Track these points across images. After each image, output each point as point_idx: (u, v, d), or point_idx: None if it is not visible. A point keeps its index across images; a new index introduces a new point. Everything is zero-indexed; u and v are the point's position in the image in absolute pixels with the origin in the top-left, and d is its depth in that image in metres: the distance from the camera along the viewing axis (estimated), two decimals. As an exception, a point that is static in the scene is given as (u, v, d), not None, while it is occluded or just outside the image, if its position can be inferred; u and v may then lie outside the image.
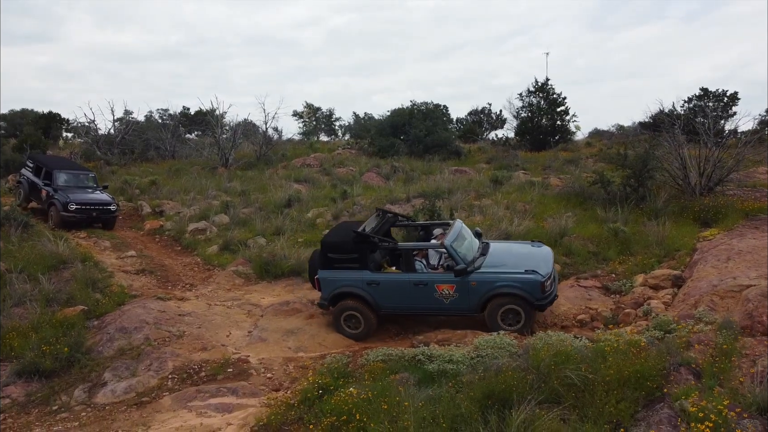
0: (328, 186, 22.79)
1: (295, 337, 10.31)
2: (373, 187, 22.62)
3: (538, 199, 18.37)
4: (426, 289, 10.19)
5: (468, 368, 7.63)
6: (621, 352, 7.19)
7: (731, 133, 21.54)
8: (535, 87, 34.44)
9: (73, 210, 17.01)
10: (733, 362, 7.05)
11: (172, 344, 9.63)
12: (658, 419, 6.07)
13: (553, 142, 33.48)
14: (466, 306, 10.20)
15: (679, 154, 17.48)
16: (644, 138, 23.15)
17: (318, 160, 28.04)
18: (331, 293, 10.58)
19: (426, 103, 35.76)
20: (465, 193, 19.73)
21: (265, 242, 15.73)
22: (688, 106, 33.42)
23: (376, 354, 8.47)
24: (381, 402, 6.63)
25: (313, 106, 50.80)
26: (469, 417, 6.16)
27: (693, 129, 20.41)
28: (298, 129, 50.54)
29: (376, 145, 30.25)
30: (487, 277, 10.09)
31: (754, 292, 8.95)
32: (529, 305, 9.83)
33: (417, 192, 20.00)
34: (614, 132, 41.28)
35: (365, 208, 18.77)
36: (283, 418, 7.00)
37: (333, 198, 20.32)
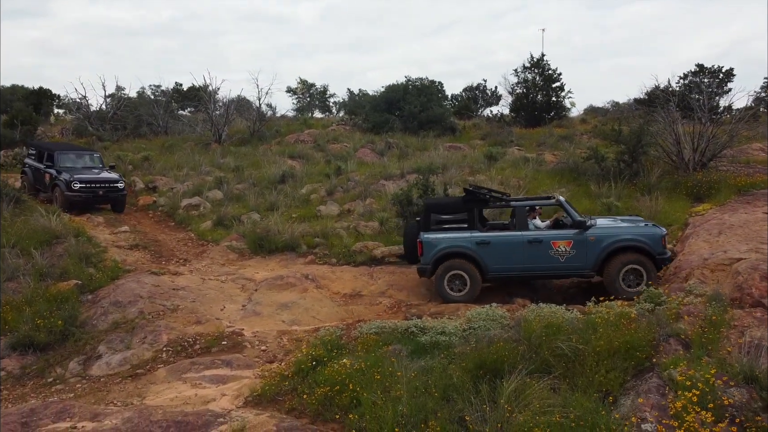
0: (322, 162, 22.72)
1: (289, 311, 10.36)
2: (367, 163, 22.57)
3: (532, 175, 18.39)
4: (541, 246, 9.84)
5: (460, 340, 7.70)
6: (611, 323, 7.27)
7: (726, 110, 21.57)
8: (530, 63, 34.20)
9: (77, 189, 16.13)
10: (722, 333, 7.14)
11: (167, 318, 9.66)
12: (646, 388, 6.16)
13: (548, 118, 33.34)
14: (582, 264, 9.83)
15: (673, 130, 17.50)
16: (639, 114, 23.15)
17: (312, 136, 27.90)
18: (434, 255, 10.14)
19: (421, 80, 35.47)
20: (459, 169, 19.71)
21: (258, 218, 15.74)
22: (683, 82, 33.30)
23: (369, 326, 8.53)
24: (374, 372, 6.69)
25: (307, 82, 50.32)
26: (461, 387, 6.23)
27: (688, 105, 20.41)
28: (292, 105, 50.31)
29: (371, 121, 30.07)
30: (607, 231, 9.84)
31: (744, 265, 9.02)
32: (652, 260, 9.56)
33: (411, 168, 19.96)
34: (609, 108, 41.09)
35: (359, 183, 18.76)
36: (277, 389, 7.07)
37: (327, 174, 20.27)
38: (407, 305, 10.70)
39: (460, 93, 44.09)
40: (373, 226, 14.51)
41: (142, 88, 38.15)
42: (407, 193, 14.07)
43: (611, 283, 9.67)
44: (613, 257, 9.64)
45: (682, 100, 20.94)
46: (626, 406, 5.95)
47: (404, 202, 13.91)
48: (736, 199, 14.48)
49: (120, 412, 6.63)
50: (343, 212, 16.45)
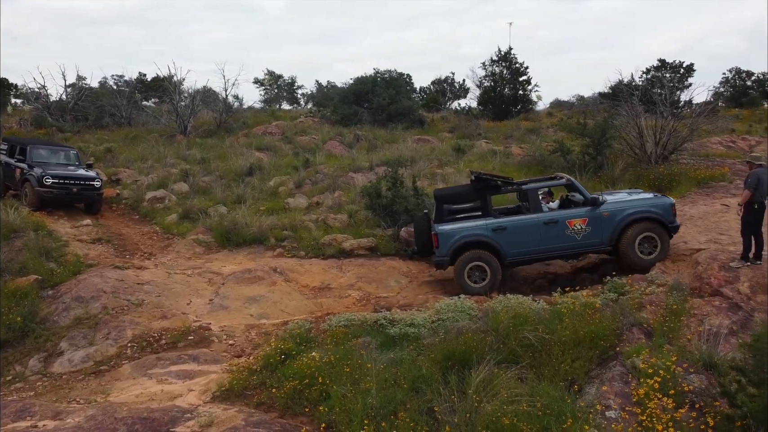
0: (290, 154, 22.52)
1: (257, 305, 10.27)
2: (336, 155, 22.46)
3: (500, 167, 18.55)
4: (557, 226, 9.89)
5: (429, 331, 7.74)
6: (577, 313, 7.41)
7: (686, 104, 22.08)
8: (498, 56, 34.45)
9: (49, 185, 14.78)
10: (682, 322, 7.35)
11: (131, 313, 9.47)
12: (610, 376, 6.31)
13: (515, 111, 33.68)
14: (599, 239, 9.93)
15: (636, 124, 17.86)
16: (603, 108, 23.54)
17: (280, 129, 27.60)
18: (452, 247, 9.99)
19: (389, 72, 35.43)
20: (428, 162, 19.79)
21: (226, 211, 15.54)
22: (646, 77, 34.00)
23: (338, 319, 8.51)
24: (343, 365, 6.69)
25: (275, 73, 49.70)
26: (430, 378, 6.27)
27: (650, 99, 20.83)
28: (259, 97, 49.53)
29: (339, 114, 29.91)
30: (619, 206, 9.95)
31: (703, 256, 9.29)
32: (664, 229, 9.70)
33: (380, 160, 19.95)
34: (575, 102, 41.79)
35: (328, 176, 18.67)
36: (245, 383, 7.01)
37: (295, 166, 20.12)
38: (376, 298, 10.71)
39: (428, 86, 44.20)
40: (342, 219, 14.47)
41: (104, 78, 37.15)
42: (376, 185, 14.06)
43: (627, 254, 9.79)
44: (627, 229, 9.77)
45: (644, 94, 21.38)
46: (591, 394, 6.08)
47: (373, 195, 13.89)
48: (695, 191, 14.89)
49: (83, 410, 6.48)
50: (311, 205, 16.35)
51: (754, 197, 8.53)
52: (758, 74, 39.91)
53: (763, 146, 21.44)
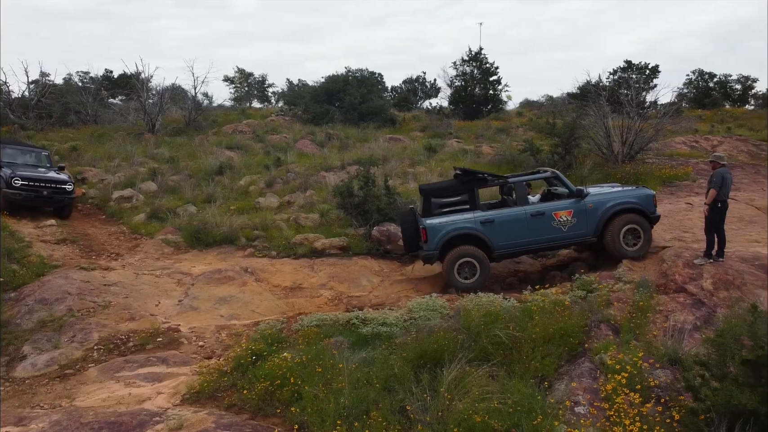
0: (261, 153, 22.33)
1: (228, 305, 10.15)
2: (307, 154, 22.35)
3: (471, 167, 18.66)
4: (543, 218, 9.99)
5: (401, 330, 7.77)
6: (547, 311, 7.52)
7: (652, 105, 22.58)
8: (468, 56, 34.69)
9: (18, 186, 14.04)
10: (649, 318, 7.52)
11: (98, 315, 9.27)
12: (579, 372, 6.41)
13: (485, 111, 33.97)
14: (584, 231, 10.07)
15: (603, 124, 18.20)
16: (572, 108, 23.92)
17: (250, 127, 27.35)
18: (441, 241, 9.96)
19: (361, 71, 35.41)
20: (399, 161, 19.84)
21: (195, 210, 15.33)
22: (613, 78, 34.65)
23: (310, 319, 8.47)
24: (315, 365, 6.66)
25: (245, 71, 49.22)
26: (402, 377, 6.29)
27: (617, 100, 21.25)
28: (229, 95, 48.97)
29: (311, 112, 29.76)
30: (604, 197, 10.12)
31: (668, 253, 9.51)
32: (647, 219, 9.94)
33: (352, 159, 19.93)
34: (544, 102, 42.34)
35: (300, 175, 18.57)
36: (215, 385, 6.92)
37: (266, 165, 19.96)
38: (348, 297, 10.70)
39: (400, 85, 44.34)
40: (314, 218, 14.40)
41: (69, 75, 36.25)
42: (348, 184, 14.03)
43: (613, 245, 9.94)
44: (612, 221, 9.95)
45: (612, 94, 21.79)
46: (561, 391, 6.17)
47: (345, 194, 13.86)
48: (660, 189, 15.21)
49: (47, 415, 6.32)
50: (282, 204, 16.24)
51: (718, 196, 8.75)
52: (720, 76, 41.01)
53: (725, 146, 22.05)
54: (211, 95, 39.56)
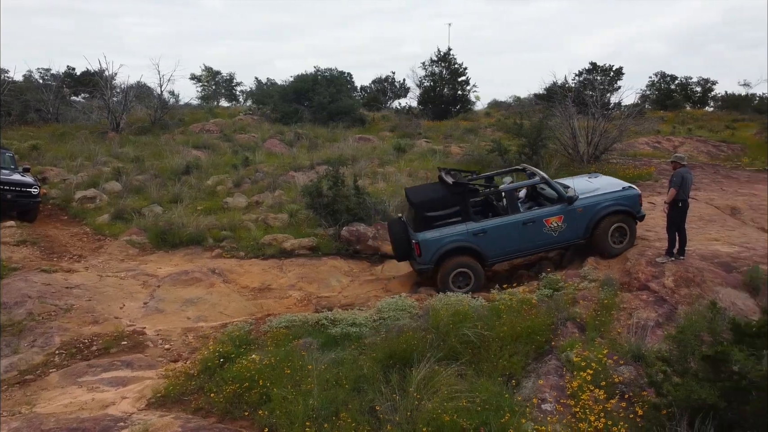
0: (229, 152, 22.09)
1: (195, 307, 10.00)
2: (275, 154, 22.19)
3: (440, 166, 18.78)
4: (535, 226, 10.02)
5: (371, 330, 7.77)
6: (514, 310, 7.61)
7: (616, 106, 23.04)
8: (437, 57, 34.91)
9: None
10: (613, 315, 7.66)
11: (60, 318, 9.03)
12: (546, 370, 6.50)
13: (454, 111, 34.24)
14: (574, 234, 10.18)
15: (570, 125, 18.51)
16: (539, 109, 24.27)
17: (218, 126, 27.05)
18: (436, 254, 9.92)
19: (330, 70, 35.33)
20: (369, 161, 19.84)
21: (161, 210, 15.07)
22: (578, 79, 35.30)
23: (279, 320, 8.41)
24: (284, 367, 6.61)
25: (213, 69, 48.61)
26: (372, 377, 6.29)
27: (583, 101, 21.63)
28: (196, 93, 48.31)
29: (279, 112, 29.57)
30: (592, 201, 10.16)
31: (632, 252, 9.72)
32: (633, 219, 10.15)
33: (321, 159, 19.86)
34: (511, 103, 42.85)
35: (268, 175, 18.41)
36: (182, 389, 6.81)
37: (234, 165, 19.75)
38: (318, 297, 10.65)
39: (369, 85, 44.35)
40: (283, 218, 14.30)
41: (29, 72, 35.24)
42: (317, 184, 13.96)
43: (602, 244, 10.10)
44: (600, 222, 10.09)
45: (577, 96, 22.16)
46: (528, 388, 6.24)
47: (314, 194, 13.79)
48: (625, 189, 15.49)
49: (6, 423, 6.13)
50: (251, 204, 16.08)
51: (678, 195, 8.98)
52: (681, 78, 42.13)
53: (686, 147, 22.65)
54: (177, 94, 38.82)
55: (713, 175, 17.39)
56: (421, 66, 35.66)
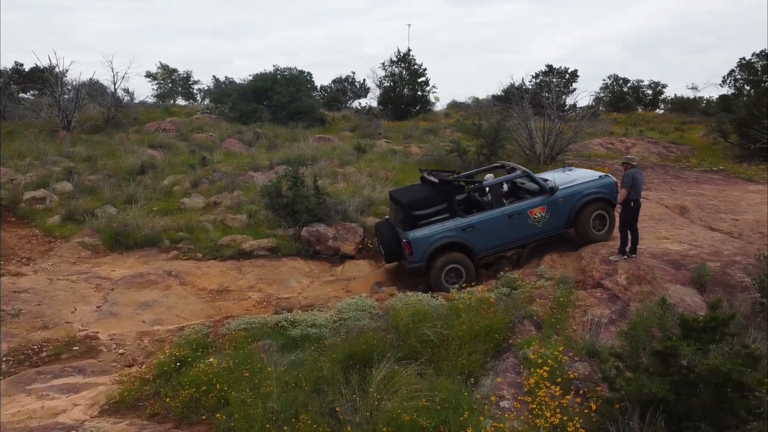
0: (186, 152, 21.66)
1: (151, 310, 9.78)
2: (234, 153, 21.88)
3: (399, 166, 18.89)
4: (520, 217, 10.27)
5: (331, 331, 7.74)
6: (473, 309, 7.70)
7: (571, 108, 23.58)
8: (397, 57, 35.03)
9: None
10: (568, 313, 7.83)
11: (7, 324, 8.71)
12: (504, 367, 6.60)
13: (414, 111, 34.42)
14: (557, 224, 10.48)
15: (527, 126, 18.86)
16: (497, 110, 24.62)
17: (174, 125, 26.47)
18: (426, 252, 10.06)
19: (290, 69, 35.04)
20: (329, 161, 19.75)
21: (115, 211, 14.67)
22: (535, 81, 35.95)
23: (237, 323, 8.30)
24: (243, 370, 6.54)
25: (169, 67, 47.54)
26: (332, 378, 6.28)
27: (539, 103, 22.06)
28: (152, 91, 47.15)
29: (238, 111, 29.15)
30: (572, 191, 10.49)
31: (586, 250, 9.96)
32: (611, 206, 10.50)
33: (280, 159, 19.67)
34: (470, 104, 43.35)
35: (226, 175, 18.14)
36: (137, 394, 6.65)
37: (191, 165, 19.36)
38: (277, 299, 10.55)
39: (329, 84, 44.16)
40: (242, 219, 14.11)
41: (-27, 67, 33.75)
42: (277, 185, 13.83)
43: (584, 232, 10.49)
44: (582, 211, 10.46)
45: (534, 97, 22.59)
46: (487, 386, 6.33)
47: (274, 194, 13.65)
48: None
49: (-51, 434, 5.88)
50: (208, 205, 15.80)
51: (630, 195, 9.25)
52: (633, 81, 43.38)
53: (638, 148, 23.34)
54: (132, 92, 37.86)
55: (663, 176, 17.98)
56: (381, 66, 35.75)
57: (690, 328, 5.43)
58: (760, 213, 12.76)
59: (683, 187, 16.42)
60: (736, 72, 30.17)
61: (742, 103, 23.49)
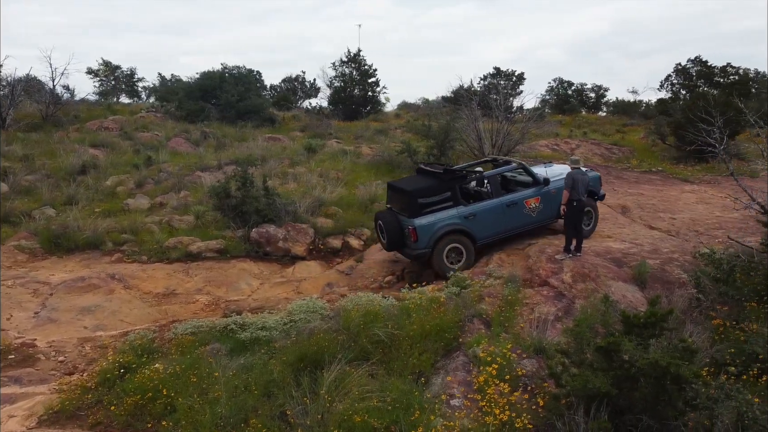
0: (130, 151, 21.01)
1: (93, 315, 9.44)
2: (181, 153, 21.36)
3: (350, 167, 18.86)
4: (516, 207, 10.70)
5: (281, 334, 7.66)
6: (423, 308, 7.76)
7: (518, 110, 24.09)
8: (347, 57, 34.98)
9: None
10: (517, 311, 7.99)
11: (-65, 333, 8.24)
12: (454, 366, 6.68)
13: (365, 112, 34.44)
14: (549, 214, 11.02)
15: (475, 127, 19.16)
16: (446, 111, 24.92)
17: (118, 124, 25.63)
18: (431, 239, 10.25)
19: (238, 68, 34.49)
20: (279, 161, 19.54)
21: (54, 213, 14.12)
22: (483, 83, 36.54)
23: (184, 327, 8.11)
24: (190, 375, 6.40)
25: (112, 64, 45.95)
26: (282, 381, 6.21)
27: (487, 104, 22.44)
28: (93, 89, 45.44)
29: (185, 109, 28.47)
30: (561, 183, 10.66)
31: (533, 249, 10.19)
32: (595, 200, 11.28)
33: (229, 159, 19.33)
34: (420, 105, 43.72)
35: (173, 175, 17.70)
36: (78, 403, 6.41)
37: (136, 164, 18.80)
38: (226, 302, 10.35)
39: (279, 84, 43.71)
40: (189, 220, 13.78)
41: None
42: (225, 185, 13.57)
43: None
44: None
45: (482, 99, 22.95)
46: (437, 385, 6.39)
47: (222, 195, 13.39)
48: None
49: None
50: (154, 206, 15.38)
51: (572, 196, 9.54)
52: (577, 84, 44.69)
53: (582, 149, 24.06)
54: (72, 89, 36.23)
55: (606, 176, 18.56)
56: (332, 66, 35.62)
57: (631, 324, 5.62)
58: (695, 212, 13.37)
59: (624, 188, 17.02)
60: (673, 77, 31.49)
61: (679, 107, 24.52)
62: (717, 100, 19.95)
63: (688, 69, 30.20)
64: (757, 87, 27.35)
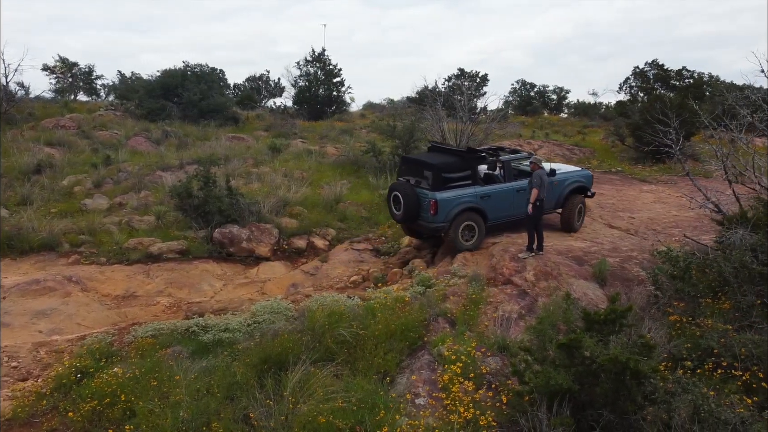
0: (88, 151, 20.47)
1: (48, 319, 9.14)
2: (141, 152, 20.92)
3: (315, 167, 18.77)
4: (524, 194, 10.59)
5: (245, 335, 7.55)
6: (389, 308, 7.75)
7: (482, 110, 24.34)
8: (312, 57, 34.79)
9: None
10: (480, 310, 8.06)
11: None
12: (419, 365, 6.70)
13: (329, 112, 34.32)
14: (551, 204, 11.36)
15: (440, 127, 19.29)
16: (411, 111, 25.00)
17: (75, 122, 24.94)
18: (450, 213, 10.41)
19: (201, 66, 33.96)
20: (243, 161, 19.31)
21: (7, 214, 13.64)
22: (448, 84, 36.80)
23: (145, 329, 7.91)
24: (150, 379, 6.25)
25: (69, 60, 44.59)
26: (245, 384, 6.12)
27: (452, 105, 22.60)
28: (49, 86, 44.02)
29: (145, 108, 27.87)
30: (564, 177, 11.65)
31: (497, 249, 10.29)
32: (586, 195, 11.84)
33: (191, 158, 19.02)
34: (385, 105, 43.78)
35: (133, 175, 17.31)
36: (32, 410, 6.20)
37: (94, 164, 18.33)
38: (188, 303, 10.16)
39: (243, 82, 43.14)
40: (149, 221, 13.49)
41: None
42: (187, 185, 13.32)
43: (570, 216, 11.65)
44: (569, 196, 11.62)
45: (447, 100, 23.11)
46: (402, 384, 6.39)
47: (184, 195, 13.15)
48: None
49: None
50: (113, 206, 15.01)
51: (540, 194, 9.65)
52: (539, 86, 45.40)
53: (544, 150, 24.45)
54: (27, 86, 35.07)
55: (567, 176, 18.89)
56: (296, 65, 35.42)
57: (592, 321, 5.73)
58: (653, 211, 13.72)
59: (585, 188, 17.32)
60: (631, 80, 32.24)
61: (637, 109, 25.12)
62: (673, 102, 20.49)
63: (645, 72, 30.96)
64: (711, 90, 28.22)
